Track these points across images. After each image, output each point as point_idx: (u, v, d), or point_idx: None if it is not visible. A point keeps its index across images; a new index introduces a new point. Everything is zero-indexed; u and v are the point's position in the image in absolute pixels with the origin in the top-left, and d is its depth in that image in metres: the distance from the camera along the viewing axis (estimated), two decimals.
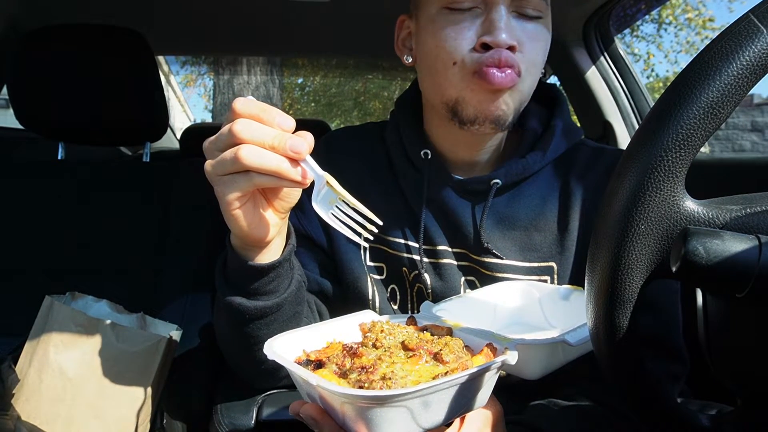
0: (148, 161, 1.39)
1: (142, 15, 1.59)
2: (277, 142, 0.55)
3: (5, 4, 1.43)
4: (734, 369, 0.43)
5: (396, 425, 0.48)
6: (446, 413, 0.50)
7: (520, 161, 0.80)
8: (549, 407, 0.72)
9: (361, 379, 0.49)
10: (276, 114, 0.56)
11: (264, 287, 0.68)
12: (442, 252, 0.82)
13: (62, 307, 0.84)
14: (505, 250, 0.79)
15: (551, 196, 0.81)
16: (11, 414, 0.79)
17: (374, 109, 11.30)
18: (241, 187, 0.57)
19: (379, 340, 0.56)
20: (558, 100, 0.87)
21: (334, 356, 0.54)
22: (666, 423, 0.44)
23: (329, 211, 0.58)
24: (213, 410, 0.89)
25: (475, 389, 0.52)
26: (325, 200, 0.58)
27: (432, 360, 0.53)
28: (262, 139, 0.54)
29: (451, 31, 0.73)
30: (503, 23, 0.71)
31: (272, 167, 0.55)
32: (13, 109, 1.24)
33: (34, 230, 1.19)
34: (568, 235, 0.79)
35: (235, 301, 0.68)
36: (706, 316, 0.43)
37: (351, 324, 0.64)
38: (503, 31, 0.70)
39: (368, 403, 0.46)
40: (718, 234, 0.36)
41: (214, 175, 0.58)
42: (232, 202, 0.59)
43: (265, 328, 0.71)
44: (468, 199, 0.81)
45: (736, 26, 0.37)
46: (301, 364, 0.54)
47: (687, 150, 0.37)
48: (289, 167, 0.55)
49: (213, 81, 6.86)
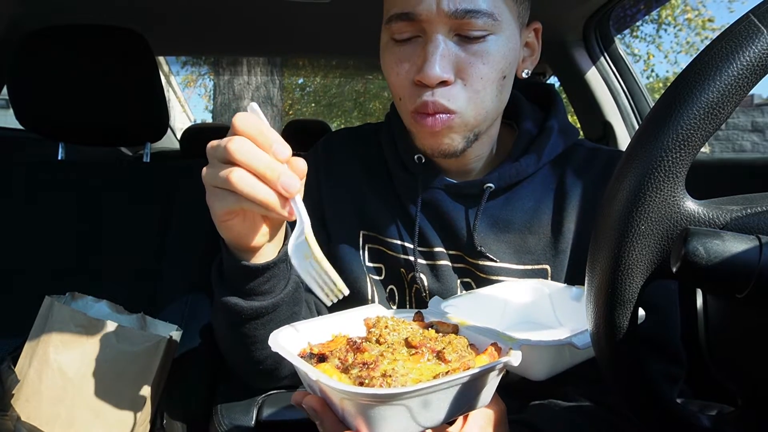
0: (148, 161, 1.39)
1: (142, 15, 1.59)
2: (269, 172, 0.54)
3: (5, 4, 1.42)
4: (734, 369, 0.43)
5: (395, 423, 0.48)
6: (446, 412, 0.50)
7: (513, 165, 0.80)
8: (549, 407, 0.72)
9: (362, 375, 0.49)
10: (273, 140, 0.55)
11: (259, 287, 0.68)
12: (438, 254, 0.82)
13: (62, 308, 0.84)
14: (499, 253, 0.80)
15: (546, 198, 0.81)
16: (11, 414, 0.79)
17: (374, 109, 11.32)
18: (229, 205, 0.57)
19: (383, 336, 0.56)
20: (553, 101, 0.86)
21: (337, 350, 0.54)
22: (666, 423, 0.44)
23: (302, 263, 0.57)
24: (213, 410, 0.89)
25: (477, 389, 0.52)
26: (301, 249, 0.57)
27: (434, 358, 0.53)
28: (254, 164, 0.54)
29: (394, 65, 0.73)
30: (438, 54, 0.68)
31: (261, 198, 0.54)
32: (13, 109, 1.24)
33: (34, 230, 1.19)
34: (562, 238, 0.78)
35: (230, 301, 0.68)
36: (706, 316, 0.43)
37: (358, 317, 0.63)
38: (436, 63, 0.68)
39: (367, 400, 0.46)
40: (718, 234, 0.36)
41: (207, 183, 0.58)
42: (220, 215, 0.59)
43: (261, 328, 0.71)
44: (461, 203, 0.81)
45: (736, 26, 0.37)
46: (305, 357, 0.54)
47: (687, 150, 0.37)
48: (277, 202, 0.55)
49: (213, 81, 6.87)
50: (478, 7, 0.68)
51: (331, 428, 0.51)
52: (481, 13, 0.68)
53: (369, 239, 0.86)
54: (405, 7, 0.70)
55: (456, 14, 0.68)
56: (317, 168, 0.90)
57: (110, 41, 1.24)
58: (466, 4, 0.68)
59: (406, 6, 0.70)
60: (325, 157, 0.91)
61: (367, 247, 0.86)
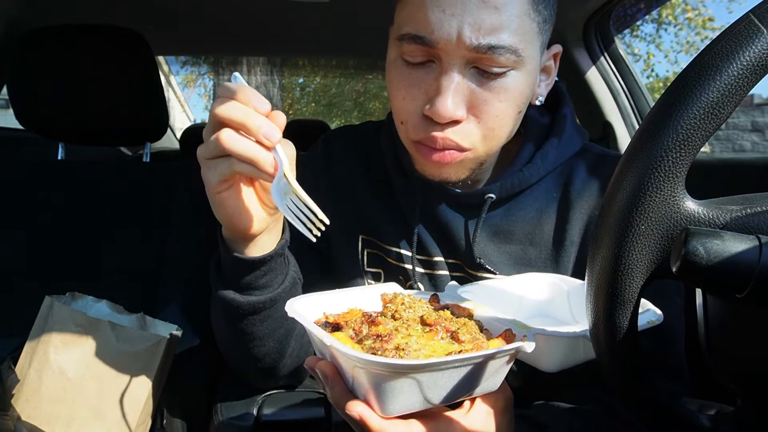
0: (148, 161, 1.39)
1: (142, 15, 1.59)
2: (250, 121, 0.56)
3: (5, 4, 1.43)
4: (734, 369, 0.43)
5: (404, 397, 0.48)
6: (455, 392, 0.50)
7: (516, 175, 0.76)
8: (552, 406, 0.72)
9: (375, 346, 0.49)
10: (251, 95, 0.57)
11: (256, 281, 0.68)
12: (436, 263, 0.81)
13: (62, 308, 0.84)
14: (499, 265, 0.77)
15: (549, 208, 0.77)
16: (11, 414, 0.79)
17: (374, 109, 11.31)
18: (222, 172, 0.59)
19: (399, 312, 0.56)
20: (561, 100, 0.82)
21: (353, 321, 0.54)
22: (665, 423, 0.44)
23: (284, 201, 0.58)
24: (213, 410, 0.89)
25: (488, 372, 0.51)
26: (282, 190, 0.58)
27: (448, 337, 0.53)
28: (236, 116, 0.56)
29: (401, 88, 0.67)
30: (452, 89, 0.63)
31: (250, 154, 0.56)
32: (13, 109, 1.24)
33: (34, 230, 1.18)
34: (564, 251, 0.76)
35: (227, 296, 0.68)
36: (706, 316, 0.43)
37: (374, 294, 0.63)
38: (449, 99, 0.63)
39: (378, 369, 0.46)
40: (718, 234, 0.36)
41: (201, 158, 0.60)
42: (214, 186, 0.60)
43: (259, 324, 0.71)
44: (461, 213, 0.79)
45: (736, 26, 0.37)
46: (320, 325, 0.55)
47: (687, 150, 0.37)
48: (266, 156, 0.57)
49: (213, 81, 6.87)
50: (503, 42, 0.62)
51: (339, 397, 0.51)
52: (505, 49, 0.62)
53: (368, 243, 0.84)
54: (421, 29, 0.63)
55: (478, 49, 0.62)
56: (316, 168, 0.87)
57: (110, 41, 1.24)
58: (490, 39, 0.61)
59: (422, 28, 0.63)
60: (325, 158, 0.88)
61: (366, 251, 0.85)
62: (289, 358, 0.78)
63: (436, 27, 0.62)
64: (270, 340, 0.74)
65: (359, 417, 0.49)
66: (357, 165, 0.86)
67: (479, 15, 0.61)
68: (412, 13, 0.64)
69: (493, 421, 0.56)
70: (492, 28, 0.61)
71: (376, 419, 0.49)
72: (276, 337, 0.74)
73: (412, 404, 0.49)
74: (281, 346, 0.76)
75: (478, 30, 0.61)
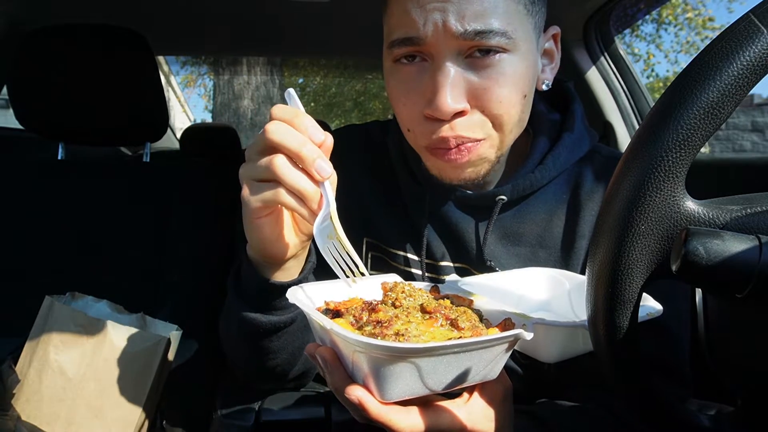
0: (148, 161, 1.39)
1: (142, 15, 1.59)
2: (306, 151, 0.54)
3: (5, 4, 1.43)
4: (734, 368, 0.43)
5: (403, 382, 0.48)
6: (454, 378, 0.50)
7: (528, 176, 0.75)
8: (553, 403, 0.72)
9: (375, 332, 0.49)
10: (309, 123, 0.56)
11: (280, 303, 0.67)
12: (443, 268, 0.79)
13: (62, 307, 0.84)
14: (508, 267, 0.76)
15: (559, 210, 0.77)
16: (11, 414, 0.79)
17: (374, 109, 11.31)
18: (266, 198, 0.57)
19: (399, 300, 0.56)
20: (570, 101, 0.81)
21: (353, 308, 0.54)
22: (665, 422, 0.44)
23: (326, 244, 0.58)
24: (213, 410, 0.89)
25: (486, 360, 0.52)
26: (325, 231, 0.58)
27: (448, 325, 0.53)
28: (290, 143, 0.54)
29: (401, 95, 0.67)
30: (449, 84, 0.62)
31: (300, 187, 0.55)
32: (13, 109, 1.24)
33: (34, 230, 1.19)
34: (574, 253, 0.75)
35: (248, 316, 0.67)
36: (706, 315, 0.43)
37: (376, 283, 0.63)
38: (447, 95, 0.62)
39: (378, 353, 0.46)
40: (718, 234, 0.36)
41: (245, 177, 0.58)
42: (256, 210, 0.59)
43: (276, 340, 0.70)
44: (471, 215, 0.77)
45: (736, 26, 0.37)
46: (321, 312, 0.55)
47: (687, 150, 0.37)
48: (315, 193, 0.55)
49: (213, 81, 6.87)
50: (490, 26, 0.61)
51: (339, 382, 0.51)
52: (493, 32, 0.62)
53: (372, 247, 0.83)
54: (408, 31, 0.64)
55: (465, 35, 0.61)
56: None
57: (110, 41, 1.24)
58: (477, 24, 0.61)
59: (409, 30, 0.63)
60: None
61: (370, 255, 0.83)
62: (300, 365, 0.78)
63: (421, 24, 0.62)
64: (284, 353, 0.74)
65: (358, 401, 0.49)
66: (362, 166, 0.85)
67: (462, 4, 0.61)
68: (397, 19, 0.65)
69: (492, 411, 0.55)
70: (477, 14, 0.61)
71: (374, 404, 0.49)
72: (290, 350, 0.74)
73: (411, 389, 0.49)
74: (294, 357, 0.75)
75: (462, 18, 0.61)
